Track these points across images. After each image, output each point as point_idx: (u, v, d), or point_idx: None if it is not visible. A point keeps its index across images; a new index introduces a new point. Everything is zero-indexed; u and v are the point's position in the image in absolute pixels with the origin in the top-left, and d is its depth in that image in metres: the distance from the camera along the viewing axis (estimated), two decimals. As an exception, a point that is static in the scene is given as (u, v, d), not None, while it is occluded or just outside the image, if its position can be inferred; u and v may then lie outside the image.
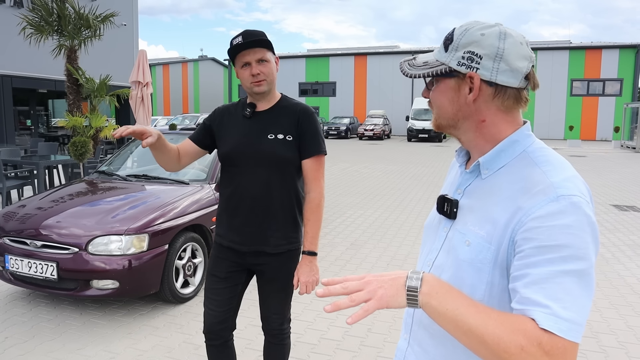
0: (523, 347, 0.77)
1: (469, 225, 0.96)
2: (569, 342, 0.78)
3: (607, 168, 14.06)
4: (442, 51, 0.99)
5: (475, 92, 0.95)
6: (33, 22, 10.11)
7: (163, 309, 3.77)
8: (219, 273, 2.12)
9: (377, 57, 35.07)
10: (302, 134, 2.02)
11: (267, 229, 2.03)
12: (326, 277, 4.55)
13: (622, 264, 4.95)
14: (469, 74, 0.95)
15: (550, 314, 0.78)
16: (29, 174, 7.78)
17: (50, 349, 3.13)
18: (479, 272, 0.92)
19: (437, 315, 0.84)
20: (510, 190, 0.92)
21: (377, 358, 3.04)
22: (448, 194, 1.05)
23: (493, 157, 0.97)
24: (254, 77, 1.94)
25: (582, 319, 0.80)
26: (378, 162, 15.40)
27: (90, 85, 9.96)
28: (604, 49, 30.28)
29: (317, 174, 2.06)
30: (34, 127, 18.98)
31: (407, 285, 0.86)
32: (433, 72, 0.98)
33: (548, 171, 0.90)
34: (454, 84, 0.98)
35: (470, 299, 0.85)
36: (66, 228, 3.53)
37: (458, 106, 0.99)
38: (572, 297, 0.79)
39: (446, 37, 0.99)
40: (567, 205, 0.84)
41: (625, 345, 3.23)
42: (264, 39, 1.92)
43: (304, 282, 2.03)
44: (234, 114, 2.09)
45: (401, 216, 7.24)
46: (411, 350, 1.08)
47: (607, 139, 30.01)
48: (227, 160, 2.05)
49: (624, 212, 7.60)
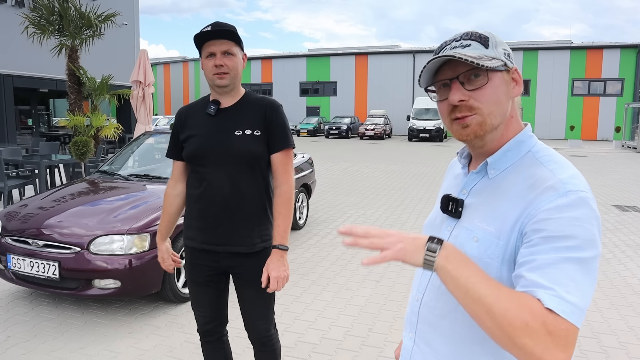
0: (528, 322, 0.79)
1: (477, 222, 0.98)
2: (571, 325, 0.79)
3: (608, 168, 14.05)
4: (481, 48, 0.97)
5: (520, 86, 0.99)
6: (35, 22, 10.12)
7: (164, 308, 3.78)
8: (198, 278, 2.08)
9: (378, 57, 35.06)
10: (270, 128, 1.97)
11: (241, 228, 1.97)
12: (326, 277, 4.56)
13: (623, 265, 4.95)
14: (514, 67, 0.98)
15: (555, 295, 0.80)
16: (30, 173, 7.80)
17: (52, 348, 3.14)
18: (487, 267, 0.93)
19: (451, 279, 0.86)
20: (518, 188, 0.94)
21: (379, 358, 3.04)
22: (453, 194, 1.07)
23: (500, 156, 1.00)
24: (217, 69, 1.88)
25: (584, 305, 0.82)
26: (379, 161, 15.40)
27: (91, 85, 9.97)
28: (605, 48, 30.25)
29: (286, 168, 2.01)
30: (35, 126, 19.00)
31: (428, 246, 0.88)
32: (498, 65, 0.95)
33: (555, 169, 0.93)
34: (507, 78, 0.98)
35: (484, 272, 0.86)
36: (68, 228, 3.54)
37: (509, 101, 0.99)
38: (575, 283, 0.82)
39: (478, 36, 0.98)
40: (575, 199, 0.87)
41: (626, 345, 3.23)
42: (232, 30, 1.87)
43: (275, 277, 1.92)
44: (197, 113, 2.03)
45: (402, 216, 7.24)
46: (417, 349, 1.08)
47: (608, 139, 29.99)
48: (194, 160, 2.00)
49: (625, 213, 7.60)
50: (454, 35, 1.01)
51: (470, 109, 0.97)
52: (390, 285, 4.32)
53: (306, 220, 6.55)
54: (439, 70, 1.01)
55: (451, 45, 0.99)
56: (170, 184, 2.14)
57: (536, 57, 31.36)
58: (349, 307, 3.84)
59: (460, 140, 1.02)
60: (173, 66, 42.81)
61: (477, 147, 1.02)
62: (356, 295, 4.09)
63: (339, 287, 4.29)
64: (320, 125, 31.88)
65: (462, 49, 0.96)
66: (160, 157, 5.31)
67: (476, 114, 0.96)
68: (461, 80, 0.97)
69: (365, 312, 3.76)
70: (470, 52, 0.95)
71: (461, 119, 0.98)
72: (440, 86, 1.01)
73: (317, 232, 6.23)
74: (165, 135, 5.51)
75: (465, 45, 0.97)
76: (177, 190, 2.11)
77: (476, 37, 0.97)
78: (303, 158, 6.73)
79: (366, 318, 3.64)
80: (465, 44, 0.97)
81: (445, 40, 1.02)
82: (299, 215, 6.33)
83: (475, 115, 0.96)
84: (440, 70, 1.00)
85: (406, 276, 4.57)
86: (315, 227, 6.46)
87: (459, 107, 0.97)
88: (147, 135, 5.51)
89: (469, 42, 0.97)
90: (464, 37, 0.98)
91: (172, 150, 2.11)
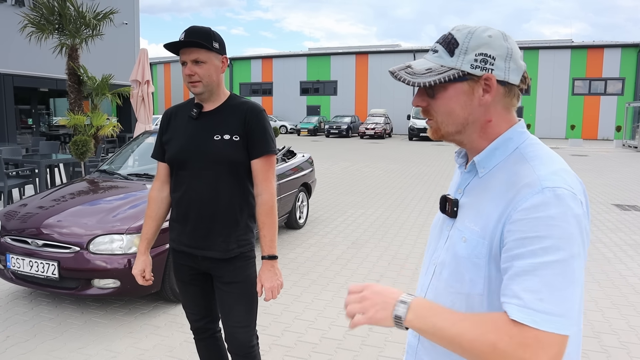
0: (494, 343, 0.81)
1: (466, 222, 0.99)
2: (543, 332, 0.79)
3: (609, 167, 14.04)
4: (445, 56, 0.97)
5: (492, 93, 0.97)
6: (34, 21, 10.11)
7: (164, 308, 3.77)
8: (183, 277, 2.10)
9: (378, 56, 35.04)
10: (250, 133, 1.93)
11: (216, 233, 1.95)
12: (326, 277, 4.55)
13: (624, 264, 4.94)
14: (485, 75, 0.96)
15: (523, 305, 0.81)
16: (30, 172, 7.79)
17: (52, 347, 3.13)
18: (476, 267, 0.95)
19: (423, 333, 0.90)
20: (501, 186, 0.94)
21: (379, 357, 3.04)
22: (450, 194, 1.08)
23: (487, 155, 1.00)
24: (189, 77, 1.88)
25: (562, 310, 0.81)
26: (379, 161, 15.39)
27: (91, 84, 9.97)
28: (606, 48, 30.23)
29: (267, 175, 1.97)
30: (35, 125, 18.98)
31: (394, 314, 0.93)
32: (445, 78, 0.95)
33: (536, 165, 0.92)
34: (467, 88, 0.97)
35: (450, 312, 0.90)
36: (67, 227, 3.53)
37: (470, 110, 0.98)
38: (551, 289, 0.81)
39: (448, 42, 0.98)
40: (550, 197, 0.85)
41: (627, 345, 3.22)
42: (198, 41, 1.82)
43: (269, 287, 1.94)
44: (181, 115, 2.02)
45: (402, 215, 7.23)
46: (422, 346, 1.10)
47: (608, 138, 29.97)
48: (174, 163, 1.98)
49: (626, 212, 7.58)
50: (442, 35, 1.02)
51: (429, 114, 1.02)
52: (390, 285, 4.30)
53: (306, 219, 6.54)
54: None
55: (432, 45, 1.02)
56: (156, 186, 2.09)
57: (537, 56, 31.33)
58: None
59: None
60: (173, 65, 42.79)
61: (460, 145, 1.06)
62: (356, 295, 4.08)
63: (339, 286, 4.28)
64: (320, 124, 31.87)
65: (431, 55, 1.00)
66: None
67: (433, 119, 1.02)
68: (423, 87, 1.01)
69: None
70: (424, 64, 0.99)
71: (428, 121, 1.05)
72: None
73: (317, 231, 6.22)
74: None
75: (435, 50, 0.99)
76: (164, 193, 2.08)
77: (447, 42, 0.98)
78: (303, 157, 6.73)
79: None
80: (436, 48, 0.99)
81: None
82: (299, 214, 6.32)
83: (432, 121, 1.03)
84: None
85: (406, 276, 4.56)
86: (315, 227, 6.45)
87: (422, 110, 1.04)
88: (147, 134, 5.50)
89: (438, 48, 0.99)
90: (440, 40, 1.00)
91: (158, 151, 2.08)
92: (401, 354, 3.07)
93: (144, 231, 2.10)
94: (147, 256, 2.11)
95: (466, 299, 0.97)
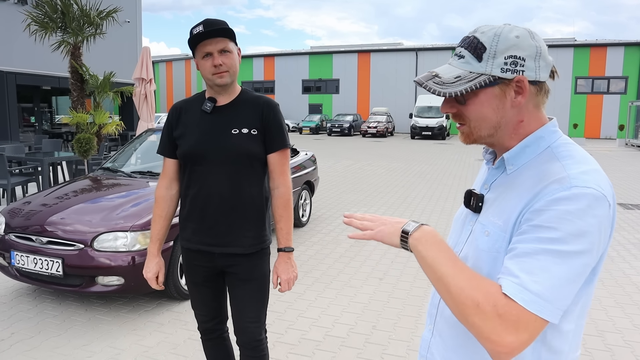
0: (479, 303, 0.84)
1: (490, 216, 0.99)
2: (527, 312, 0.82)
3: (612, 166, 14.00)
4: (473, 61, 0.95)
5: (525, 95, 0.95)
6: (37, 19, 10.12)
7: (168, 305, 3.78)
8: (196, 279, 2.05)
9: (380, 55, 34.99)
10: (267, 127, 1.93)
11: (238, 228, 1.93)
12: (329, 275, 4.55)
13: (628, 263, 4.93)
14: (517, 78, 0.94)
15: (518, 283, 0.84)
16: (33, 170, 7.81)
17: (56, 344, 3.14)
18: (494, 260, 0.95)
19: (421, 259, 0.94)
20: (529, 182, 0.94)
21: (382, 355, 3.04)
22: (475, 189, 1.09)
23: (518, 152, 0.99)
24: (216, 69, 1.82)
25: (552, 297, 0.83)
26: (381, 159, 15.38)
27: (94, 82, 9.98)
28: (609, 46, 30.13)
29: (283, 168, 1.98)
30: (38, 124, 19.03)
31: (403, 228, 0.98)
32: (476, 85, 0.94)
33: (568, 164, 0.92)
34: (498, 92, 0.96)
35: (455, 257, 0.93)
36: (71, 224, 3.53)
37: (503, 112, 0.97)
38: (548, 275, 0.83)
39: (474, 46, 0.96)
40: (577, 194, 0.85)
41: (631, 344, 3.21)
42: (226, 28, 1.81)
43: (285, 279, 1.96)
44: (192, 109, 1.97)
45: (405, 213, 7.22)
46: (434, 340, 1.13)
47: (611, 137, 29.90)
48: (189, 159, 1.93)
49: (629, 211, 7.57)
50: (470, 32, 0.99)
51: (461, 119, 1.01)
52: (393, 283, 4.31)
53: (309, 217, 6.55)
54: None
55: (456, 50, 1.00)
56: (164, 183, 2.03)
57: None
58: (353, 305, 3.83)
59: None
60: (175, 64, 42.82)
61: (491, 146, 1.05)
62: (360, 293, 4.08)
63: (343, 284, 4.28)
64: (322, 123, 31.86)
65: (458, 60, 0.98)
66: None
67: (465, 124, 1.01)
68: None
69: (368, 309, 3.75)
70: (452, 72, 0.97)
71: (458, 126, 1.04)
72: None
73: (320, 229, 6.22)
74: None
75: (461, 56, 0.97)
76: (172, 190, 2.03)
77: (473, 46, 0.95)
78: (306, 155, 6.72)
79: (370, 315, 3.63)
80: (462, 54, 0.97)
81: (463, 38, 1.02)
82: (302, 212, 6.32)
83: (464, 126, 1.01)
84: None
85: (409, 274, 4.56)
86: (318, 225, 6.45)
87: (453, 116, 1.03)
88: (149, 132, 5.50)
89: (464, 53, 0.97)
90: (464, 44, 0.98)
91: (165, 147, 2.02)
92: (405, 352, 3.08)
93: (154, 232, 2.04)
94: (160, 258, 2.05)
95: None
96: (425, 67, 33.60)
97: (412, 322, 3.51)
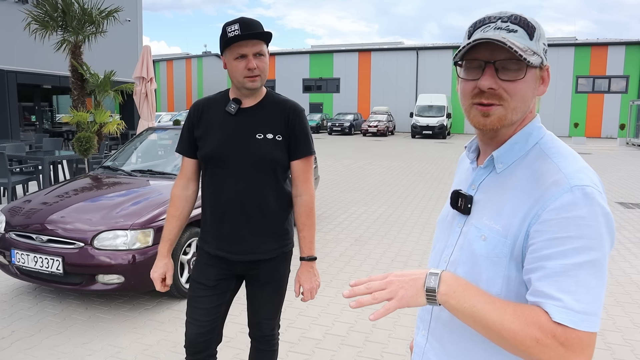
0: (538, 339, 0.81)
1: (485, 220, 0.95)
2: (583, 332, 0.81)
3: (613, 165, 13.99)
4: (526, 38, 0.90)
5: (547, 85, 0.96)
6: (38, 18, 10.12)
7: (168, 304, 3.78)
8: (207, 281, 1.93)
9: (381, 54, 34.96)
10: (292, 133, 1.87)
11: (259, 235, 1.88)
12: (330, 272, 4.55)
13: (628, 262, 4.93)
14: (547, 65, 0.94)
15: (563, 307, 0.81)
16: (34, 169, 7.82)
17: (56, 342, 3.14)
18: (495, 266, 0.92)
19: (456, 312, 0.88)
20: (524, 183, 0.91)
21: (382, 354, 3.04)
22: (462, 190, 1.04)
23: (507, 150, 0.96)
24: (250, 72, 1.76)
25: (595, 309, 0.82)
26: (382, 158, 15.38)
27: (94, 81, 9.98)
28: (610, 45, 30.09)
29: (307, 176, 1.92)
30: (38, 122, 19.04)
31: (426, 287, 0.89)
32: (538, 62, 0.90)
33: (560, 163, 0.90)
34: (538, 75, 0.94)
35: (487, 295, 0.87)
36: (71, 223, 3.54)
37: (532, 98, 0.95)
38: (585, 289, 0.81)
39: (525, 23, 0.90)
40: (580, 196, 0.84)
41: (631, 342, 3.21)
42: (265, 31, 1.76)
43: (308, 288, 1.93)
44: (216, 109, 1.89)
45: (405, 212, 7.23)
46: (430, 346, 1.08)
47: (612, 137, 29.86)
48: (210, 161, 1.86)
49: (630, 210, 7.56)
50: (499, 13, 0.93)
51: (498, 98, 0.91)
52: (393, 282, 4.31)
53: (309, 216, 6.54)
54: (475, 48, 0.91)
55: (496, 24, 0.91)
56: (180, 183, 1.96)
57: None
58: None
59: (475, 127, 0.97)
60: (176, 63, 42.80)
61: (488, 137, 0.99)
62: (360, 292, 4.08)
63: (343, 283, 4.29)
64: (323, 122, 31.86)
65: (508, 34, 0.89)
66: (163, 153, 5.30)
67: (501, 105, 0.92)
68: (497, 66, 0.90)
69: (369, 308, 3.75)
70: (516, 41, 0.88)
71: (485, 107, 0.92)
72: (471, 66, 0.93)
73: (320, 228, 6.22)
74: (168, 131, 5.50)
75: (512, 30, 0.89)
76: (189, 191, 1.97)
77: (524, 24, 0.90)
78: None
79: (370, 314, 3.63)
80: (512, 28, 0.89)
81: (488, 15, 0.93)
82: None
83: (500, 107, 0.92)
84: (477, 48, 0.91)
85: (410, 272, 4.56)
86: (318, 224, 6.45)
87: (486, 93, 0.91)
88: (150, 131, 5.51)
89: (515, 28, 0.89)
90: (512, 19, 0.90)
91: (184, 145, 1.94)
92: (405, 350, 3.08)
93: (166, 231, 1.97)
94: (169, 259, 1.98)
95: None
96: (426, 66, 33.58)
97: (412, 321, 3.51)
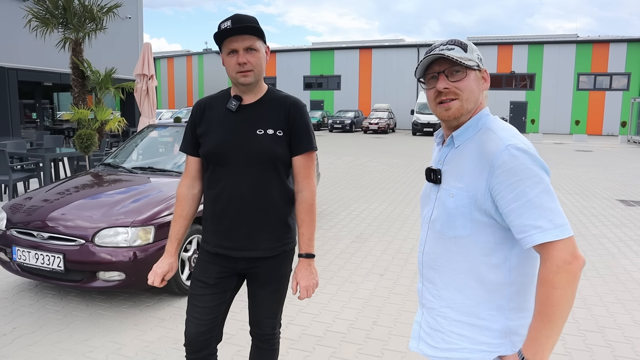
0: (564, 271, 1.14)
1: (451, 182, 1.31)
2: (567, 238, 1.15)
3: (614, 163, 13.97)
4: (461, 52, 1.30)
5: (488, 83, 1.37)
6: (38, 15, 10.11)
7: (169, 300, 3.79)
8: (207, 279, 1.92)
9: (382, 51, 34.90)
10: (293, 129, 1.87)
11: (260, 232, 1.87)
12: (330, 270, 4.55)
13: (629, 259, 4.93)
14: (484, 69, 1.35)
15: (543, 230, 1.15)
16: (34, 166, 7.82)
17: (57, 339, 3.15)
18: (463, 214, 1.27)
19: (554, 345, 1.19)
20: (475, 151, 1.28)
21: (383, 351, 3.04)
22: (432, 166, 1.40)
23: (462, 131, 1.34)
24: (240, 67, 1.77)
25: (564, 220, 1.16)
26: (383, 155, 15.37)
27: (95, 78, 9.98)
28: (612, 42, 29.99)
29: (308, 172, 1.91)
30: (39, 120, 19.04)
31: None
32: (476, 64, 1.31)
33: (499, 132, 1.27)
34: (478, 75, 1.33)
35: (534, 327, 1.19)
36: (72, 220, 3.54)
37: (479, 93, 1.34)
38: (552, 210, 1.16)
39: (459, 43, 1.32)
40: (514, 151, 1.19)
41: (631, 340, 3.22)
42: (254, 25, 1.75)
43: (305, 286, 1.91)
44: (217, 107, 1.90)
45: (406, 209, 7.23)
46: (425, 288, 1.42)
47: (613, 134, 29.81)
48: (211, 158, 1.86)
49: (630, 207, 7.56)
50: (441, 42, 1.33)
51: (453, 94, 1.29)
52: (394, 279, 4.32)
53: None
54: (430, 66, 1.34)
55: (439, 48, 1.31)
56: (185, 182, 1.97)
57: (541, 51, 31.13)
58: (353, 300, 3.84)
59: (441, 119, 1.35)
60: (177, 60, 42.78)
61: (452, 127, 1.36)
62: (360, 289, 4.09)
63: (343, 280, 4.29)
64: (324, 119, 31.83)
65: (448, 51, 1.29)
66: (164, 150, 5.31)
67: (457, 99, 1.30)
68: (446, 73, 1.30)
69: (369, 305, 3.76)
70: (453, 54, 1.29)
71: (445, 103, 1.31)
72: (429, 78, 1.35)
73: (321, 225, 6.22)
74: (168, 129, 5.50)
75: (450, 48, 1.30)
76: (194, 190, 1.97)
77: (458, 43, 1.32)
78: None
79: (370, 311, 3.64)
80: (450, 47, 1.30)
81: (434, 44, 1.34)
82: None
83: (456, 100, 1.30)
84: (431, 66, 1.34)
85: (410, 270, 4.56)
86: (319, 221, 6.45)
87: (443, 92, 1.30)
88: (151, 128, 5.51)
89: (452, 47, 1.30)
90: (449, 43, 1.32)
91: (188, 144, 1.95)
92: (405, 348, 3.08)
93: (173, 231, 1.96)
94: (175, 259, 1.97)
95: (456, 241, 1.28)
96: (427, 63, 33.44)
97: (413, 318, 3.51)
